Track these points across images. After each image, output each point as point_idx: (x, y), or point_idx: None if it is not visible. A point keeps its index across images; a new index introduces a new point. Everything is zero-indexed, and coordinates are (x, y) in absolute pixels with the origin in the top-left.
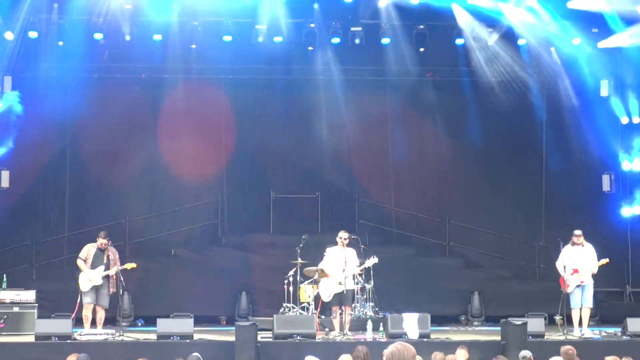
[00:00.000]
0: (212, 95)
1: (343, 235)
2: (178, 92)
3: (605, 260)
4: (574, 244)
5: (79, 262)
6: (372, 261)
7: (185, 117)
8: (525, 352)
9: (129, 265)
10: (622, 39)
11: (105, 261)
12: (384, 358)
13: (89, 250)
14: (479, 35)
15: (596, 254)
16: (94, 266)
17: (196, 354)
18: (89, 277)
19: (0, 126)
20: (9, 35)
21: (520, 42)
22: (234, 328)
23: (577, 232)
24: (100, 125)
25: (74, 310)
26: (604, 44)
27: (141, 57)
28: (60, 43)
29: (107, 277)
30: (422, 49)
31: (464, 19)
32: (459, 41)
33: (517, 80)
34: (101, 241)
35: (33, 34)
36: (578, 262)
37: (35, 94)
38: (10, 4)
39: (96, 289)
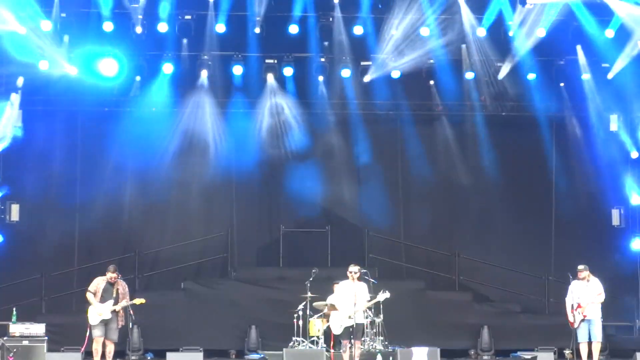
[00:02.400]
0: (222, 127)
1: (353, 269)
2: (188, 125)
3: (599, 296)
4: (577, 278)
5: (89, 296)
6: (384, 296)
7: (194, 150)
8: None
9: (138, 301)
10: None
11: (114, 295)
12: None
13: (98, 284)
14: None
15: (603, 288)
16: (103, 300)
17: None
18: (98, 311)
19: (8, 161)
20: (46, 26)
21: (530, 76)
22: None
23: (580, 267)
24: (110, 159)
25: (84, 344)
26: (613, 73)
27: (151, 89)
28: (74, 72)
29: (116, 311)
30: (432, 82)
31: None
32: (469, 75)
33: (526, 115)
34: (110, 275)
35: (44, 65)
36: (582, 297)
37: (46, 126)
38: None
39: (105, 323)
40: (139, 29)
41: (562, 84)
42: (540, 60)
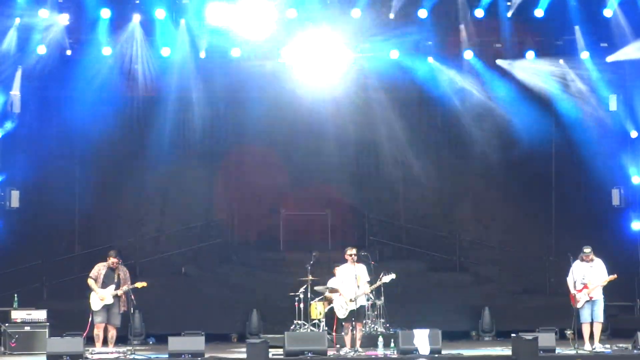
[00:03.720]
0: (220, 113)
1: (351, 251)
2: (187, 110)
3: (612, 277)
4: (582, 260)
5: (90, 282)
6: (389, 277)
7: (194, 135)
8: None
9: (139, 284)
10: (631, 51)
11: (116, 280)
12: None
13: (99, 270)
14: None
15: (606, 268)
16: (104, 285)
17: None
18: (100, 296)
19: (7, 147)
20: (43, 13)
21: (529, 55)
22: (245, 346)
23: (587, 249)
24: (110, 144)
25: (86, 330)
26: (613, 58)
27: (150, 75)
28: (69, 52)
29: (117, 296)
30: (430, 59)
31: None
32: (468, 55)
33: (527, 96)
34: (112, 260)
35: (42, 50)
36: (587, 278)
37: (45, 112)
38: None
39: (107, 308)
40: None
41: (561, 61)
42: (539, 40)
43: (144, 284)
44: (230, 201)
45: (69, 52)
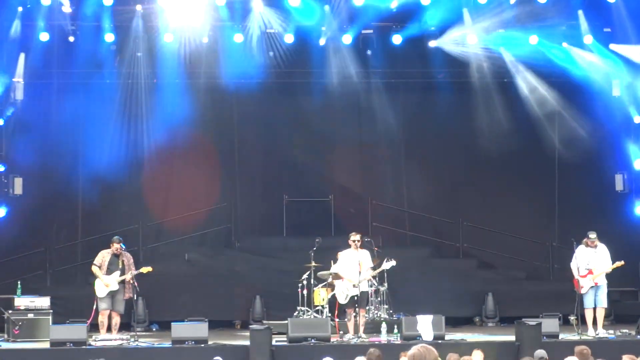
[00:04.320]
0: (223, 100)
1: (355, 237)
2: (189, 97)
3: (619, 263)
4: (587, 245)
5: (94, 269)
6: (389, 264)
7: (197, 122)
8: (541, 352)
9: (145, 269)
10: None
11: (120, 266)
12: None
13: (103, 257)
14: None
15: (610, 254)
16: (109, 272)
17: (218, 357)
18: (105, 283)
19: (10, 134)
20: (44, 37)
21: (532, 39)
22: (248, 332)
23: (592, 235)
24: (113, 131)
25: (90, 317)
26: (617, 48)
27: (152, 62)
28: (71, 39)
29: (122, 282)
30: (433, 43)
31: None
32: (471, 40)
33: (528, 82)
34: (116, 246)
35: (44, 37)
36: (592, 263)
37: (48, 99)
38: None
39: (112, 295)
40: None
41: (564, 44)
42: (542, 25)
43: (150, 269)
44: (234, 187)
45: (71, 39)
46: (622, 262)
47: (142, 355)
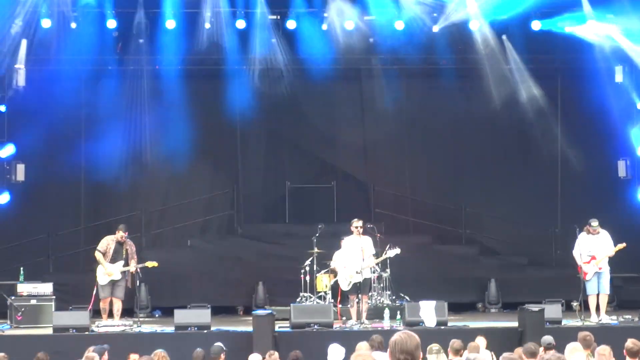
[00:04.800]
0: (226, 85)
1: (357, 223)
2: (191, 82)
3: (622, 245)
4: (589, 232)
5: (98, 255)
6: (394, 252)
7: (199, 107)
8: (549, 338)
9: (150, 264)
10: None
11: (124, 255)
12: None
13: (108, 244)
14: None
15: (612, 240)
16: (113, 260)
17: (219, 343)
18: (107, 272)
19: (12, 120)
20: (46, 23)
21: (534, 25)
22: (251, 318)
23: (594, 222)
24: (115, 117)
25: (90, 303)
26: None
27: (154, 48)
28: (73, 25)
29: (130, 271)
30: (436, 29)
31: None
32: (474, 26)
33: (531, 67)
34: (121, 234)
35: (46, 23)
36: (594, 250)
37: (50, 85)
38: None
39: (112, 282)
40: None
41: (566, 28)
42: (545, 12)
43: (155, 264)
44: (236, 173)
45: (73, 25)
46: (624, 245)
47: (145, 341)
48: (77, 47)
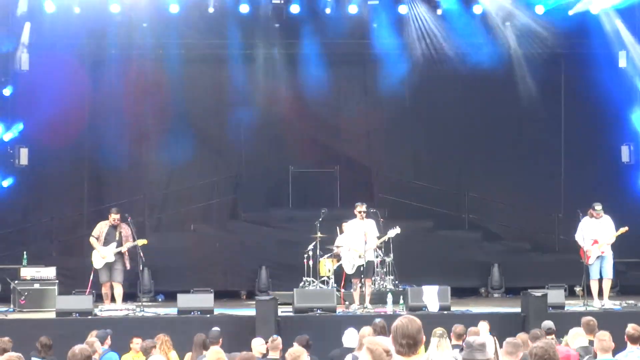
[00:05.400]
0: (228, 70)
1: (361, 208)
2: (194, 67)
3: (624, 229)
4: (592, 216)
5: (92, 240)
6: (394, 232)
7: (203, 92)
8: (549, 323)
9: (140, 242)
10: None
11: (117, 238)
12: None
13: (101, 228)
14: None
15: (614, 225)
16: (106, 243)
17: (216, 328)
18: (101, 255)
19: (16, 104)
20: (50, 8)
21: (538, 9)
22: (254, 303)
23: (598, 206)
24: (119, 102)
25: (88, 287)
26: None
27: (158, 33)
28: (77, 10)
29: (120, 253)
30: (439, 12)
31: None
32: (477, 10)
33: (536, 52)
34: (113, 217)
35: (50, 7)
36: (596, 234)
37: (54, 70)
38: None
39: (109, 266)
40: None
41: (570, 12)
42: None
43: (145, 241)
44: (239, 158)
45: (77, 10)
46: (626, 228)
47: (148, 325)
48: (81, 32)
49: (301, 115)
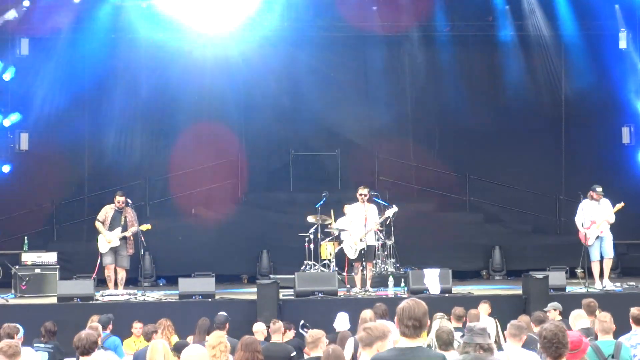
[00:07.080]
0: (229, 54)
1: (363, 191)
2: (196, 51)
3: (620, 205)
4: (592, 198)
5: (97, 224)
6: (392, 210)
7: (203, 77)
8: (556, 304)
9: (144, 227)
10: None
11: (122, 222)
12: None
13: (106, 212)
14: None
15: (612, 206)
16: (111, 227)
17: (223, 312)
18: (107, 239)
19: (16, 89)
20: None
21: None
22: (255, 286)
23: (599, 188)
24: (119, 86)
25: (94, 271)
26: None
27: (161, 17)
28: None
29: (125, 238)
30: None
31: None
32: None
33: (535, 34)
34: (118, 199)
35: None
36: (595, 216)
37: (54, 55)
38: None
39: (115, 250)
40: None
41: None
42: None
43: (149, 226)
44: (240, 142)
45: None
46: (623, 204)
47: (149, 310)
48: (82, 16)
49: (302, 97)
